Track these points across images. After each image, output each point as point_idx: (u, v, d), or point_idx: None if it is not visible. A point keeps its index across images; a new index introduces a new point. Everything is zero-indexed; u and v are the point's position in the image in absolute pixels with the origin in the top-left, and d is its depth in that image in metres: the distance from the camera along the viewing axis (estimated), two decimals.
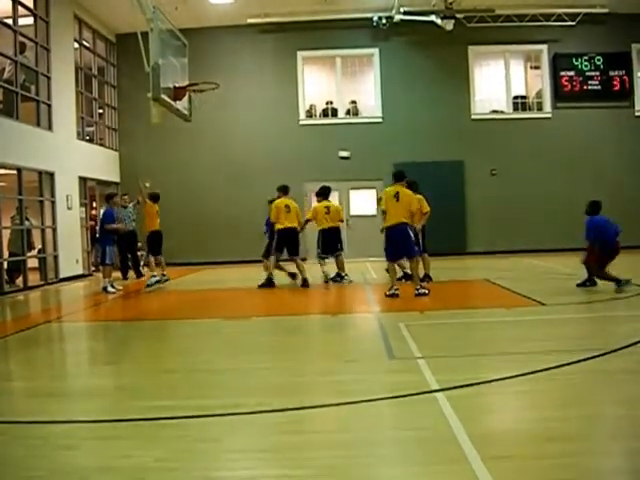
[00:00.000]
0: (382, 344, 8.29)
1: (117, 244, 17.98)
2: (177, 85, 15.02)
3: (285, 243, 15.72)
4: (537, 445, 4.65)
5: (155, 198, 17.01)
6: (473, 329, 9.72)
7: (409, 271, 13.60)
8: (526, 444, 4.71)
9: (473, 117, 24.87)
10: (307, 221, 16.60)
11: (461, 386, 6.14)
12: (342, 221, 16.91)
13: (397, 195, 13.03)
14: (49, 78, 19.53)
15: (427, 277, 14.98)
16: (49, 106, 19.53)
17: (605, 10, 23.74)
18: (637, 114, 24.74)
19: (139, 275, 18.99)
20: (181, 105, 15.52)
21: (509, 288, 13.72)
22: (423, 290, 12.73)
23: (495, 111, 25.31)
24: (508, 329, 9.49)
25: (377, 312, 11.57)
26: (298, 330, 10.23)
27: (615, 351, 7.29)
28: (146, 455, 4.73)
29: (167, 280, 17.14)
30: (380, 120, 24.88)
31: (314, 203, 17.74)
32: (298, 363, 7.65)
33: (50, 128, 19.51)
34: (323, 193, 16.66)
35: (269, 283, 15.77)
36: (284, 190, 16.28)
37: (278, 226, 15.64)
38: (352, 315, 11.78)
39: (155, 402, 6.19)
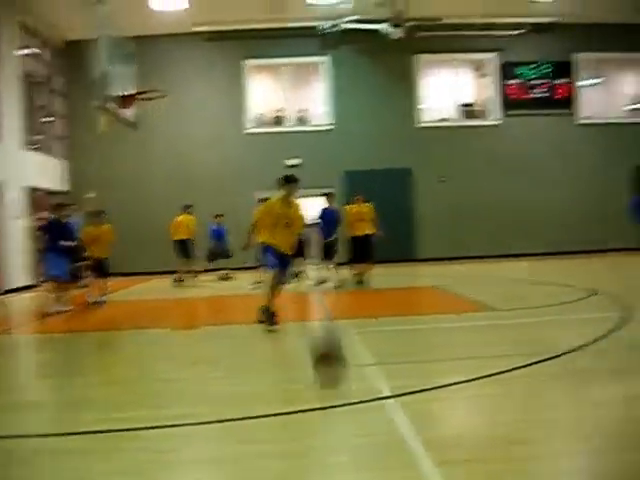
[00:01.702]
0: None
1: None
2: (125, 93, 14.91)
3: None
4: (489, 449, 4.70)
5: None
6: (425, 335, 9.78)
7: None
8: (478, 449, 4.75)
9: (422, 125, 25.05)
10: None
11: (413, 392, 6.17)
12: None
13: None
14: None
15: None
16: None
17: (551, 20, 24.12)
18: (579, 122, 25.19)
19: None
20: (129, 114, 15.41)
21: (459, 294, 13.83)
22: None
23: (443, 119, 25.53)
24: (459, 334, 9.56)
25: (321, 321, 11.54)
26: (249, 339, 10.19)
27: (564, 354, 7.38)
28: (100, 469, 4.67)
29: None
30: (330, 128, 24.93)
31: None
32: (250, 372, 7.62)
33: None
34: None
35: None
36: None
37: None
38: (304, 323, 11.77)
39: (109, 414, 6.11)
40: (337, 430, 5.50)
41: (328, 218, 16.04)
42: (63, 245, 14.19)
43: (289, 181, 11.02)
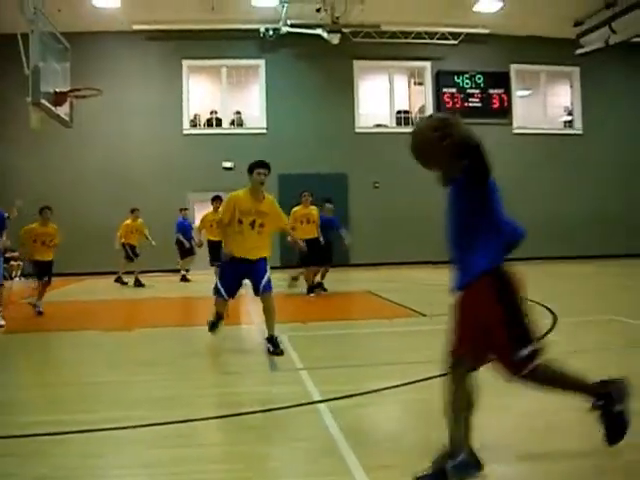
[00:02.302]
0: (264, 356, 8.25)
1: None
2: (58, 90, 14.65)
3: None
4: (420, 454, 4.70)
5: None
6: (355, 340, 9.81)
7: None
8: (409, 453, 4.75)
9: (357, 130, 25.22)
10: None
11: (343, 397, 6.16)
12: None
13: None
14: None
15: None
16: None
17: (486, 31, 24.55)
18: (515, 131, 25.65)
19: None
20: (62, 111, 15.14)
21: (391, 300, 13.90)
22: None
23: (379, 125, 25.71)
24: (390, 340, 9.62)
25: (259, 323, 11.53)
26: (179, 342, 10.09)
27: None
28: (27, 473, 4.57)
29: None
30: (264, 131, 24.94)
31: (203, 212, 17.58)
32: (180, 375, 7.54)
33: None
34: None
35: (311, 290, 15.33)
36: None
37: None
38: (234, 326, 11.71)
39: (35, 417, 5.98)
40: (266, 435, 5.46)
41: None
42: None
43: (255, 167, 9.28)
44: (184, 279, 20.05)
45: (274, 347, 8.21)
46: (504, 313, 3.93)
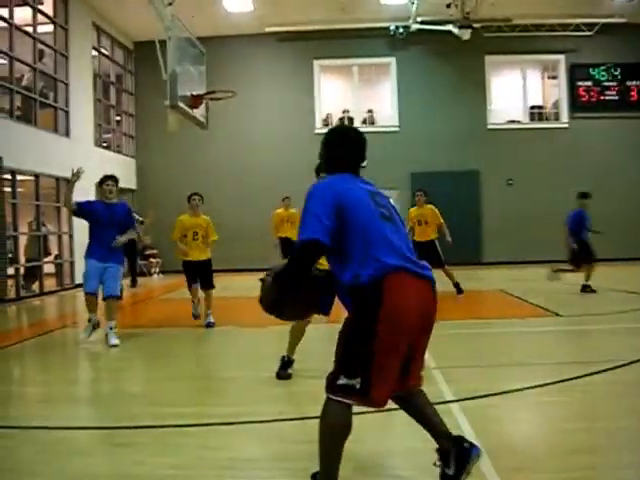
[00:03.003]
0: None
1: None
2: (194, 93, 15.04)
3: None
4: (553, 457, 4.62)
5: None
6: (488, 339, 9.68)
7: None
8: (542, 456, 4.68)
9: (489, 127, 24.82)
10: None
11: (476, 397, 6.11)
12: None
13: None
14: (67, 85, 19.68)
15: None
16: (67, 113, 19.66)
17: (623, 20, 23.66)
18: None
19: (133, 285, 19.36)
20: (198, 113, 15.54)
21: (525, 299, 13.67)
22: None
23: (512, 121, 25.26)
24: (524, 340, 9.46)
25: None
26: (313, 340, 10.18)
27: (633, 363, 7.23)
28: (157, 462, 4.73)
29: None
30: (396, 129, 24.86)
31: None
32: (309, 373, 7.59)
33: (67, 135, 19.63)
34: None
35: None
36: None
37: None
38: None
39: (170, 409, 6.19)
40: (401, 433, 5.46)
41: None
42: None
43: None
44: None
45: None
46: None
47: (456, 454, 3.98)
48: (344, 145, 4.50)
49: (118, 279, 10.16)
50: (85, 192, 20.43)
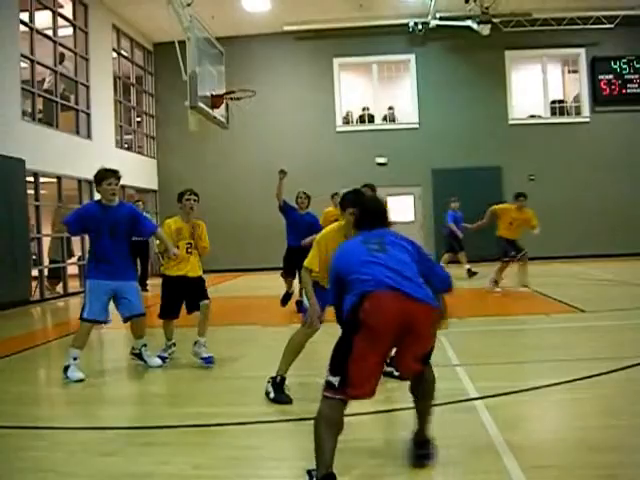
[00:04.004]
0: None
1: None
2: (214, 93, 15.10)
3: None
4: (578, 455, 4.60)
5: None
6: (513, 336, 9.64)
7: None
8: (567, 454, 4.66)
9: (511, 122, 24.70)
10: None
11: (500, 394, 6.10)
12: None
13: None
14: (88, 87, 19.78)
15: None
16: (88, 115, 19.77)
17: None
18: None
19: (143, 288, 17.89)
20: (218, 113, 15.60)
21: (548, 295, 13.61)
22: None
23: (533, 116, 25.13)
24: (548, 336, 9.42)
25: None
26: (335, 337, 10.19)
27: None
28: (185, 462, 4.76)
29: None
30: (417, 126, 24.81)
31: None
32: None
33: (89, 136, 19.74)
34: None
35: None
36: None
37: None
38: None
39: (194, 409, 6.22)
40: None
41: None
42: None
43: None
44: (471, 273, 18.38)
45: None
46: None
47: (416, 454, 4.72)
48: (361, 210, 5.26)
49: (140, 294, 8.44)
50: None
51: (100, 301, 7.83)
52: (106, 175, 8.27)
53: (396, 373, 6.23)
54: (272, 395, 6.54)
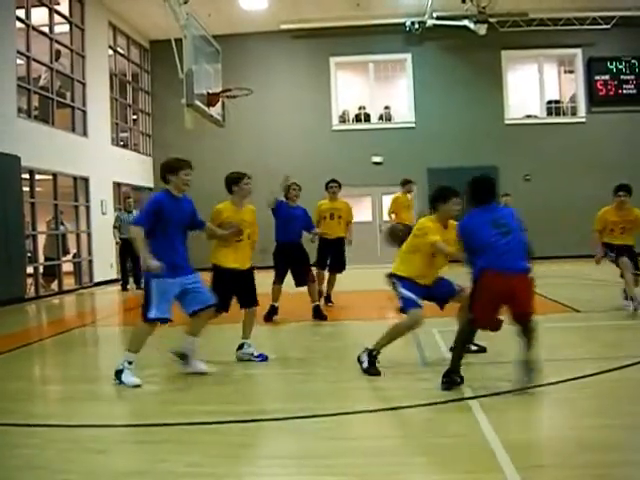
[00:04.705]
0: (415, 351, 8.25)
1: (119, 252, 18.15)
2: (211, 91, 15.08)
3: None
4: (573, 454, 4.61)
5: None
6: (507, 336, 9.60)
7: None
8: (561, 453, 4.67)
9: (507, 122, 24.75)
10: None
11: (495, 393, 6.11)
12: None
13: None
14: (84, 84, 19.78)
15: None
16: (84, 112, 19.76)
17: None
18: None
19: (138, 286, 17.79)
20: (215, 111, 15.58)
21: (543, 294, 13.60)
22: None
23: (529, 116, 25.16)
24: (543, 336, 9.39)
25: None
26: (332, 336, 10.21)
27: None
28: (179, 460, 4.75)
29: None
30: (413, 125, 24.84)
31: None
32: (334, 370, 7.63)
33: (85, 134, 19.73)
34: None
35: None
36: None
37: None
38: (386, 322, 11.76)
39: (189, 407, 6.21)
40: (418, 430, 5.47)
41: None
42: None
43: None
44: None
45: None
46: None
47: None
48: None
49: None
50: (104, 191, 20.62)
51: (167, 300, 7.25)
52: (183, 164, 7.58)
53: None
54: (365, 365, 7.15)
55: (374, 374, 7.02)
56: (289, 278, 11.54)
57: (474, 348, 7.75)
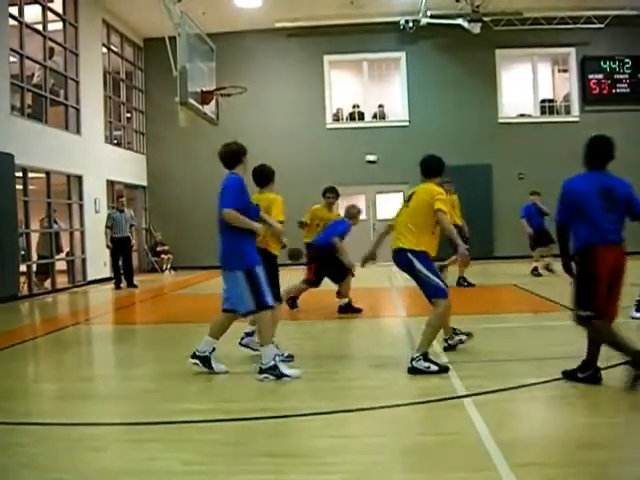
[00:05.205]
0: (408, 349, 8.25)
1: (111, 251, 18.20)
2: (205, 89, 15.08)
3: None
4: (566, 453, 4.62)
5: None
6: (500, 334, 9.65)
7: None
8: (555, 451, 4.67)
9: (500, 120, 24.77)
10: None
11: (489, 392, 6.11)
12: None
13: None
14: (77, 82, 19.73)
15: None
16: (77, 110, 19.71)
17: (634, 12, 23.53)
18: None
19: (130, 284, 18.70)
20: (208, 109, 15.58)
21: (536, 293, 13.64)
22: None
23: (522, 114, 25.19)
24: (535, 334, 9.44)
25: (403, 317, 11.56)
26: (326, 334, 10.21)
27: None
28: (175, 458, 4.75)
29: None
30: (407, 124, 24.85)
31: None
32: (328, 368, 7.63)
33: (78, 132, 19.68)
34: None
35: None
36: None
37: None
38: (379, 319, 11.79)
39: (184, 405, 6.20)
40: (411, 428, 5.47)
41: None
42: None
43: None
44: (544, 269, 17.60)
45: None
46: None
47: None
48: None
49: None
50: (98, 189, 20.58)
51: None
52: (246, 149, 7.97)
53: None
54: (434, 367, 6.90)
55: (446, 370, 6.94)
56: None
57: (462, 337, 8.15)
